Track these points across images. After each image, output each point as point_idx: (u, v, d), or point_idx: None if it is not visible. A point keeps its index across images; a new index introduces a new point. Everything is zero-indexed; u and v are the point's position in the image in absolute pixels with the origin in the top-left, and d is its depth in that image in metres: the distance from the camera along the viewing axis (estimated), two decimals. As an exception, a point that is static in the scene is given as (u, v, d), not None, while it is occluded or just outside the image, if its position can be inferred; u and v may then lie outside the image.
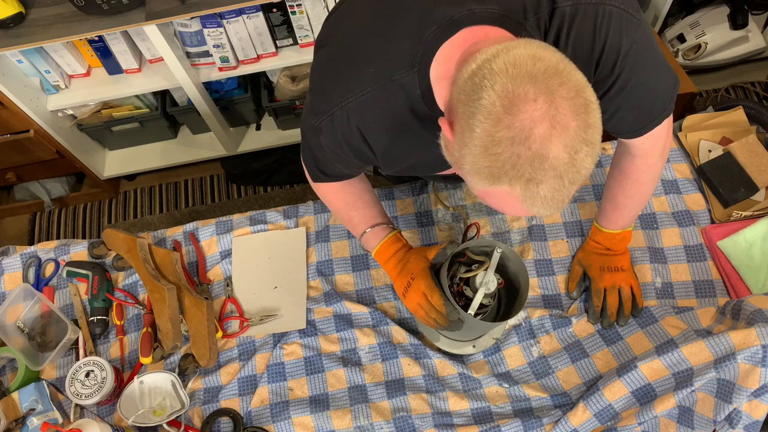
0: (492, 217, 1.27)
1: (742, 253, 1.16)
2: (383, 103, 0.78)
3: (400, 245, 1.06)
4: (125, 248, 1.24)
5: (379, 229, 1.06)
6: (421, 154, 0.86)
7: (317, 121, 0.82)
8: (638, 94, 0.83)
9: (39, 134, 1.91)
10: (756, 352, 0.93)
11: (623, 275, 1.13)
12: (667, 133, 0.97)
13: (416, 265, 1.02)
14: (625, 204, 1.07)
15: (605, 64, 0.77)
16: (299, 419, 1.09)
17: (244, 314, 1.21)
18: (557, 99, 0.59)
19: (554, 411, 1.07)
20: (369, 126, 0.81)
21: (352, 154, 0.86)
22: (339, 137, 0.83)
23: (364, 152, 0.86)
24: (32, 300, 1.21)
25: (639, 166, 1.01)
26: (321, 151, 0.92)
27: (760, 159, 1.22)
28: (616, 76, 0.78)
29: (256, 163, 2.32)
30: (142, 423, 1.09)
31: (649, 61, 0.81)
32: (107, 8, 1.52)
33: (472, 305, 1.00)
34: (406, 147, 0.84)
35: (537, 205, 0.63)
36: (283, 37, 1.84)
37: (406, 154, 0.86)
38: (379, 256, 1.07)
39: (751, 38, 2.19)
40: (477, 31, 0.70)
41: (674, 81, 0.88)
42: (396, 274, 1.05)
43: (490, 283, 1.01)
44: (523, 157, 0.60)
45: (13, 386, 1.15)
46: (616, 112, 0.84)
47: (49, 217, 2.39)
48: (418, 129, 0.80)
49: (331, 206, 1.10)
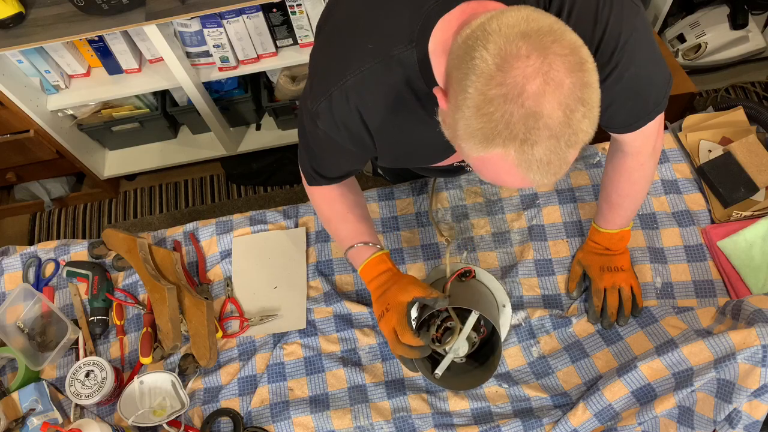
0: (492, 218, 1.26)
1: (742, 253, 1.16)
2: (382, 79, 0.76)
3: (385, 268, 1.00)
4: (125, 248, 1.24)
5: (366, 248, 1.02)
6: (420, 138, 0.85)
7: (315, 105, 0.81)
8: (635, 85, 0.81)
9: (39, 134, 1.91)
10: (756, 352, 0.93)
11: (623, 275, 1.13)
12: (658, 131, 0.97)
13: (394, 297, 0.96)
14: (620, 203, 1.07)
15: (604, 51, 0.75)
16: (299, 419, 1.09)
17: (244, 314, 1.21)
18: (550, 55, 0.58)
19: (554, 411, 1.07)
20: (367, 106, 0.79)
21: (350, 140, 0.85)
22: (337, 121, 0.81)
23: (362, 138, 0.84)
24: (32, 300, 1.21)
25: (630, 165, 1.00)
26: (318, 144, 0.90)
27: (760, 159, 1.22)
28: (615, 64, 0.76)
29: (256, 163, 2.32)
30: (142, 423, 1.09)
31: (648, 52, 0.80)
32: (107, 8, 1.52)
33: (440, 366, 1.03)
34: (404, 129, 0.83)
35: (533, 169, 0.61)
36: (283, 37, 1.84)
37: (404, 137, 0.85)
38: (364, 275, 1.02)
39: (751, 38, 2.19)
40: (476, 5, 0.70)
41: (668, 77, 0.87)
42: (375, 298, 1.00)
43: (460, 349, 1.05)
44: (516, 115, 0.58)
45: (13, 386, 1.15)
46: (611, 103, 0.82)
47: (49, 217, 2.39)
48: (416, 108, 0.79)
49: (322, 215, 1.07)
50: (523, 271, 1.20)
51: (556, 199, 1.26)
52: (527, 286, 1.19)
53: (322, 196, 1.04)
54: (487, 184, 1.29)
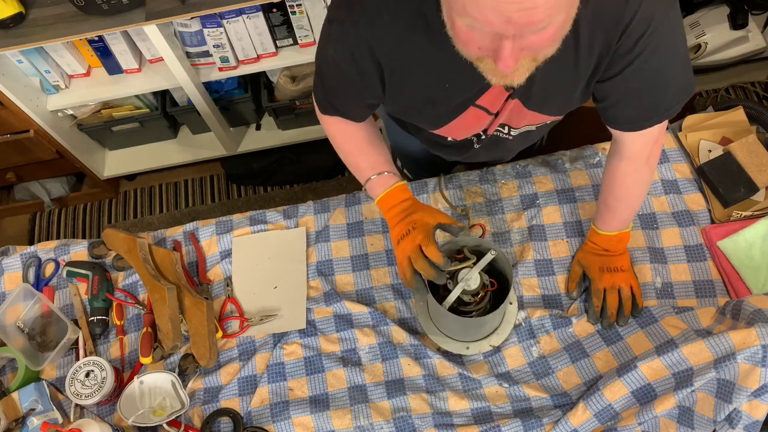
0: (492, 218, 1.27)
1: (742, 253, 1.16)
2: (394, 7, 0.77)
3: (407, 196, 1.02)
4: (125, 248, 1.24)
5: (386, 177, 1.03)
6: (428, 79, 0.85)
7: (329, 29, 0.83)
8: (652, 81, 0.79)
9: (39, 134, 1.92)
10: (756, 352, 0.93)
11: (623, 275, 1.13)
12: (657, 139, 0.96)
13: (421, 218, 0.98)
14: (615, 206, 1.08)
15: (631, 35, 0.73)
16: (299, 419, 1.09)
17: (244, 314, 1.21)
18: None
19: (554, 411, 1.07)
20: (378, 39, 0.80)
21: (358, 74, 0.86)
22: (347, 48, 0.83)
23: (370, 74, 0.85)
24: (32, 300, 1.21)
25: (624, 169, 1.01)
26: (330, 71, 0.91)
27: (760, 159, 1.22)
28: (638, 53, 0.75)
29: (256, 163, 2.32)
30: (142, 423, 1.09)
31: (674, 47, 0.77)
32: (107, 8, 1.52)
33: (448, 299, 1.00)
34: (414, 66, 0.84)
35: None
36: (283, 37, 1.84)
37: (412, 78, 0.85)
38: (383, 203, 1.03)
39: (751, 38, 2.18)
40: None
41: (689, 85, 0.84)
42: (396, 222, 1.01)
43: (471, 280, 1.00)
44: None
45: (13, 386, 1.15)
46: (623, 96, 0.81)
47: (49, 217, 2.39)
48: (426, 45, 0.79)
49: (339, 149, 1.07)
50: (523, 271, 1.20)
51: (556, 199, 1.26)
52: (527, 286, 1.19)
53: (338, 129, 1.04)
54: (487, 184, 1.29)
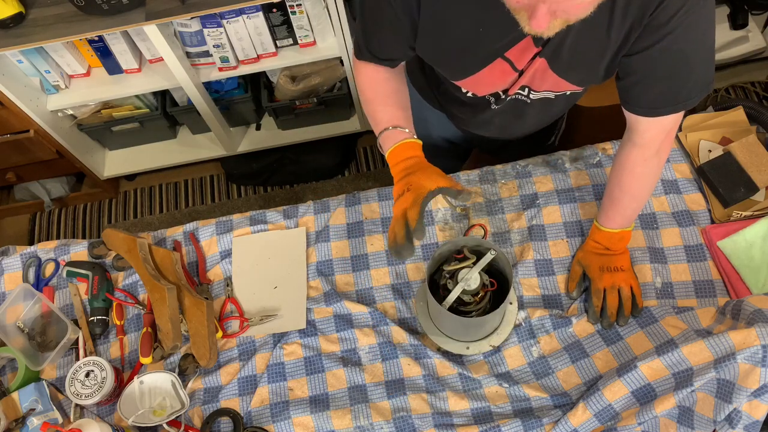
0: (492, 218, 1.27)
1: (742, 253, 1.16)
2: None
3: (414, 153, 1.00)
4: (125, 248, 1.24)
5: (398, 132, 1.02)
6: (464, 20, 0.86)
7: None
8: (677, 65, 0.80)
9: (39, 134, 1.92)
10: (756, 352, 0.93)
11: (623, 275, 1.13)
12: (669, 133, 0.97)
13: (418, 180, 0.95)
14: (620, 199, 1.08)
15: (666, 9, 0.73)
16: (299, 419, 1.09)
17: (244, 314, 1.21)
18: None
19: (554, 411, 1.07)
20: None
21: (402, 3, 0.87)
22: None
23: (410, 6, 0.86)
24: (32, 300, 1.21)
25: (636, 158, 1.01)
26: (372, 5, 0.92)
27: (760, 159, 1.22)
28: (669, 30, 0.75)
29: (256, 163, 2.32)
30: (142, 423, 1.09)
31: (703, 36, 0.78)
32: (107, 8, 1.53)
33: (448, 298, 0.99)
34: (453, 3, 0.85)
35: None
36: (283, 37, 1.84)
37: (448, 17, 0.86)
38: (392, 157, 1.02)
39: (751, 38, 2.19)
40: None
41: (710, 80, 0.85)
42: (398, 179, 1.00)
43: (471, 280, 1.00)
44: None
45: (13, 386, 1.15)
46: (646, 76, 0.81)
47: (49, 217, 2.39)
48: None
49: (363, 96, 1.08)
50: (523, 271, 1.20)
51: (556, 199, 1.26)
52: (527, 286, 1.19)
53: (368, 76, 1.05)
54: (487, 183, 1.30)
